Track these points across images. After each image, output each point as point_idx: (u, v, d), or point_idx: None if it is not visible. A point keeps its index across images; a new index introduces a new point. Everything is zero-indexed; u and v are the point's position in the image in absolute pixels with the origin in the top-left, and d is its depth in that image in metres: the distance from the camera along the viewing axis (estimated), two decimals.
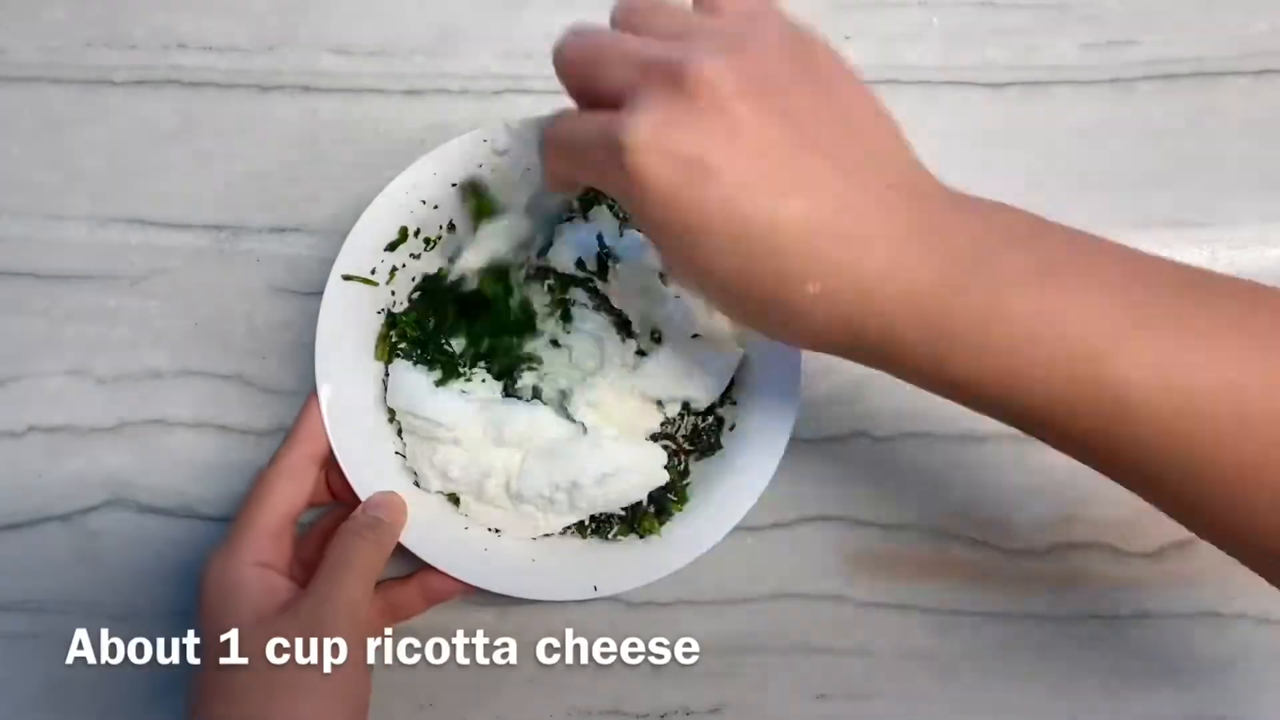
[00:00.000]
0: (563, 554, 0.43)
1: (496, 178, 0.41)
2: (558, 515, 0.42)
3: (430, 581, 0.41)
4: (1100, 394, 0.26)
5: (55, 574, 0.45)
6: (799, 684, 0.45)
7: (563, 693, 0.45)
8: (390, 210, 0.41)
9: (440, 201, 0.41)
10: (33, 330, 0.46)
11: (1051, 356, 0.26)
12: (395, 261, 0.42)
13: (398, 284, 0.42)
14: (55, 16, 0.48)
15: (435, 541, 0.41)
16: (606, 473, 0.40)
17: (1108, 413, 0.26)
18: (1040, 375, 0.26)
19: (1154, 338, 0.26)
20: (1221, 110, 0.48)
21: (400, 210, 0.41)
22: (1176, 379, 0.25)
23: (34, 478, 0.46)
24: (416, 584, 0.42)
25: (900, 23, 0.49)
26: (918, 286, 0.27)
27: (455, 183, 0.41)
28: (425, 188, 0.41)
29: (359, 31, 0.48)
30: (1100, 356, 0.26)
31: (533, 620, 0.45)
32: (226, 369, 0.46)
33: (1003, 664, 0.45)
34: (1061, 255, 0.28)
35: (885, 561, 0.46)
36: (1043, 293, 0.26)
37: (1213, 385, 0.25)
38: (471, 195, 0.41)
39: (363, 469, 0.40)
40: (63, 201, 0.47)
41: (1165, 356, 0.25)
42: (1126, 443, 0.26)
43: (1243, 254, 0.48)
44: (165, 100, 0.48)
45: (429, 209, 0.41)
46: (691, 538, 0.41)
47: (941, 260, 0.27)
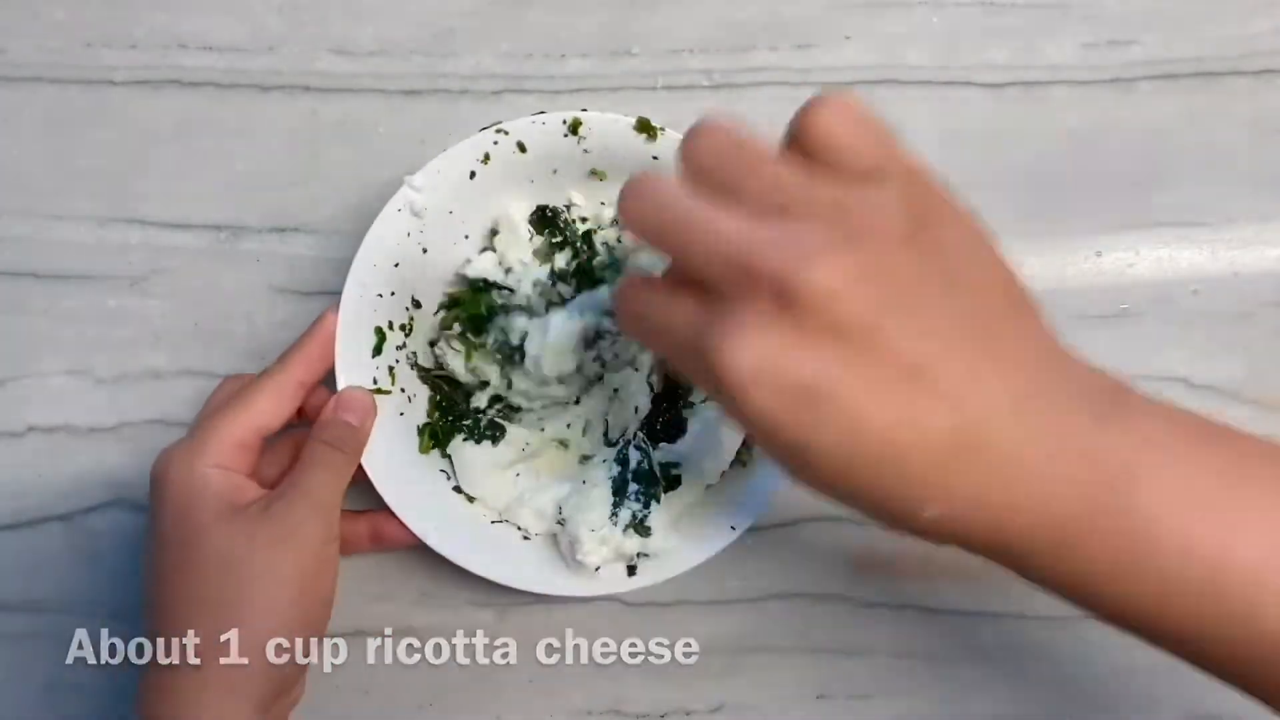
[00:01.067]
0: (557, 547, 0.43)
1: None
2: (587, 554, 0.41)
3: (384, 527, 0.41)
4: (1254, 638, 0.25)
5: (55, 574, 0.45)
6: (799, 684, 0.45)
7: (563, 693, 0.45)
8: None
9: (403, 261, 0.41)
10: (33, 330, 0.46)
11: (1201, 592, 0.25)
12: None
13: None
14: (55, 16, 0.48)
15: (420, 501, 0.41)
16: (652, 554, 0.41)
17: (1264, 653, 0.25)
18: (1191, 607, 0.25)
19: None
20: (1221, 110, 0.48)
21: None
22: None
23: (34, 478, 0.46)
24: (367, 522, 0.41)
25: (900, 23, 0.49)
26: (1053, 517, 0.25)
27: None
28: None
29: (359, 31, 0.48)
30: (1254, 607, 0.25)
31: (533, 620, 0.45)
32: (226, 369, 0.46)
33: (1003, 664, 0.45)
34: (1216, 481, 0.26)
35: (885, 561, 0.46)
36: (1196, 525, 0.25)
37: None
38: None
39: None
40: (63, 201, 0.47)
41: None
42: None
43: (1243, 254, 0.48)
44: (165, 100, 0.48)
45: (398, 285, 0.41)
46: (702, 537, 0.41)
47: (1084, 487, 0.25)
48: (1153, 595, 0.25)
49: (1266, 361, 0.47)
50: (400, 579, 0.45)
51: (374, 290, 0.41)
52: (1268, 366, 0.47)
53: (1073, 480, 0.25)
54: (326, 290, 0.46)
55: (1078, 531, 0.25)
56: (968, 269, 0.25)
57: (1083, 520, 0.25)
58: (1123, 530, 0.25)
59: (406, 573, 0.45)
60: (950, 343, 0.24)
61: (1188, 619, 0.25)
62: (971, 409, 0.24)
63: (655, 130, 0.41)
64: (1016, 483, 0.25)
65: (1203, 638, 0.26)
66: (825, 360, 0.23)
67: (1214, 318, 0.47)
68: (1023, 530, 0.25)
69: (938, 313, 0.24)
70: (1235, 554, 0.25)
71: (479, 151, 0.41)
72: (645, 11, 0.48)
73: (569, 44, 0.48)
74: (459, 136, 0.41)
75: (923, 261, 0.24)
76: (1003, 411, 0.24)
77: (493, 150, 0.41)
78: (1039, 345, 0.26)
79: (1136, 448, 0.25)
